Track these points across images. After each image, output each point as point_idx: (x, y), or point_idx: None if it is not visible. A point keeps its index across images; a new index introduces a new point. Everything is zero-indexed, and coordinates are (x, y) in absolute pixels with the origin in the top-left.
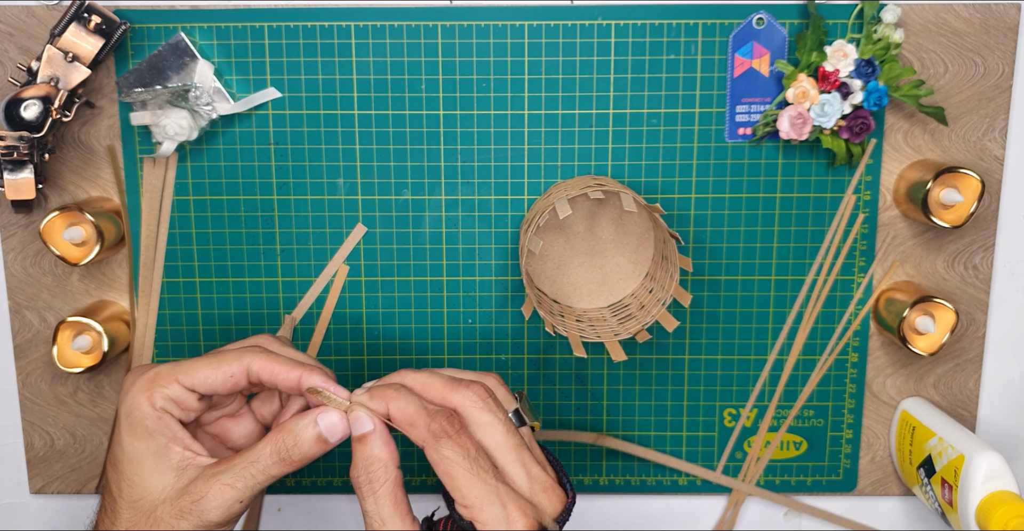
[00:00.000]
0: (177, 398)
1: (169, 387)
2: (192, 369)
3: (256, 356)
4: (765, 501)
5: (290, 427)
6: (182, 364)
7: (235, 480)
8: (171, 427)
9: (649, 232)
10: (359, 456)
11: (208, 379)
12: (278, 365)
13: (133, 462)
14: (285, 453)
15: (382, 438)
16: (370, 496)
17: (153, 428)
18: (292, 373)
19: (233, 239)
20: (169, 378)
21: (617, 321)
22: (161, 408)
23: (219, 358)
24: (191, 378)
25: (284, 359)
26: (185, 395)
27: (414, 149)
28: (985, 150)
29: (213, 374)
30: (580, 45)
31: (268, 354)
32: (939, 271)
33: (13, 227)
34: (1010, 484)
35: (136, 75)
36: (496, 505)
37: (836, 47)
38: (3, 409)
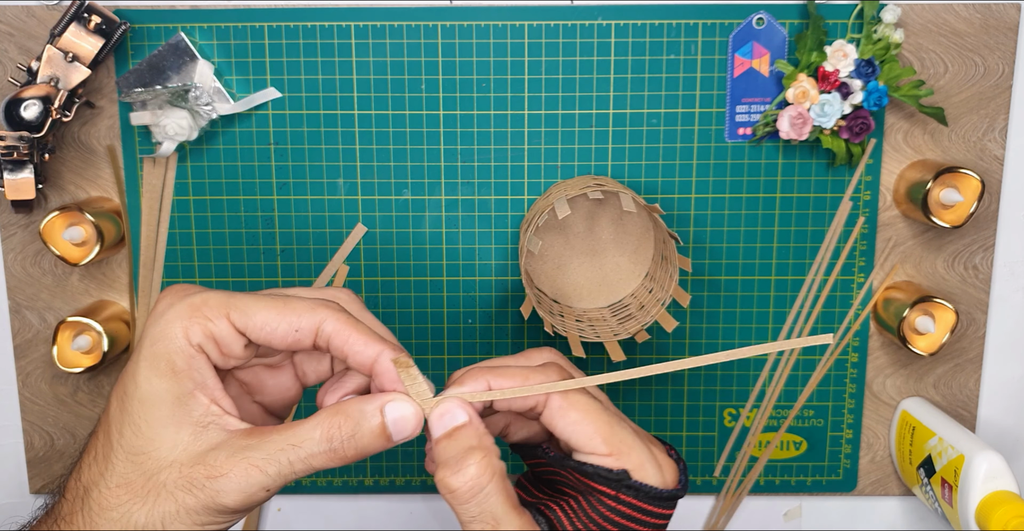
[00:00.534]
0: (221, 338)
1: (216, 322)
2: (250, 307)
3: (334, 314)
4: (765, 501)
5: (350, 410)
6: (238, 298)
7: (268, 464)
8: (203, 371)
9: (649, 232)
10: (453, 453)
11: (267, 325)
12: (357, 333)
13: (145, 403)
14: (339, 442)
15: (480, 428)
16: (477, 496)
17: (181, 367)
18: (371, 348)
19: (233, 239)
20: (219, 310)
21: (617, 321)
22: (198, 345)
23: (287, 304)
24: (247, 318)
25: (365, 328)
26: (232, 337)
27: (414, 149)
28: (985, 150)
29: (275, 321)
30: (580, 45)
31: (348, 317)
32: (939, 271)
33: (13, 227)
34: (1010, 484)
35: (136, 75)
36: (644, 447)
37: (836, 47)
38: (3, 409)
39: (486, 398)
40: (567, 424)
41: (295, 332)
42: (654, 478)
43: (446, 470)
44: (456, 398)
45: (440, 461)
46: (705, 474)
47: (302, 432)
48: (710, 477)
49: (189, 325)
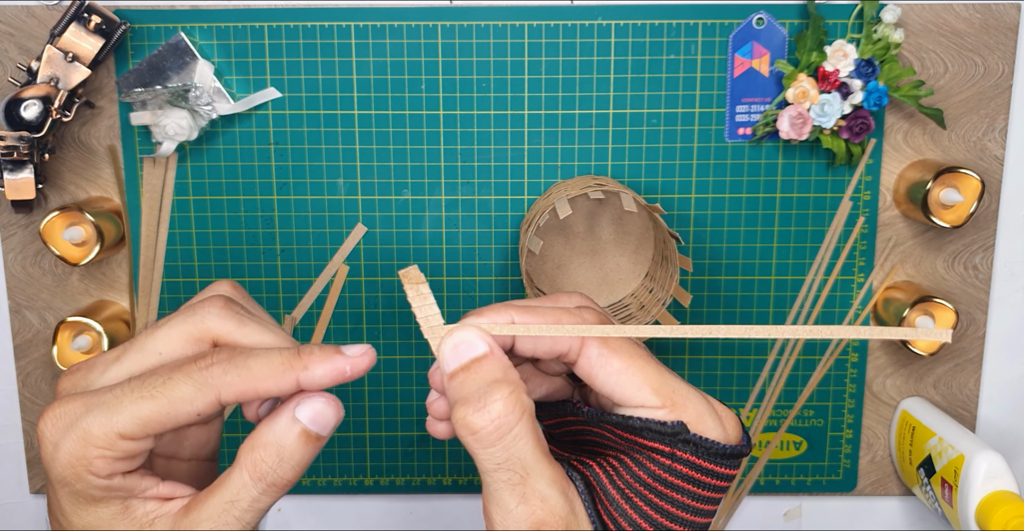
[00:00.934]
0: (126, 454)
1: (112, 448)
2: (137, 416)
3: (224, 381)
4: (765, 501)
5: (264, 440)
6: (119, 408)
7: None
8: (125, 486)
9: (649, 232)
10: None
11: (165, 423)
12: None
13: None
14: (272, 476)
15: (504, 360)
16: (504, 437)
17: (102, 496)
18: (283, 381)
19: (233, 239)
20: (108, 437)
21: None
22: (108, 475)
23: (170, 395)
24: (140, 427)
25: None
26: (137, 447)
27: (414, 149)
28: (985, 150)
29: (170, 417)
30: (580, 45)
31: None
32: (939, 271)
33: (13, 227)
34: (1010, 484)
35: (136, 75)
36: (701, 398)
37: (836, 47)
38: (3, 409)
39: (510, 332)
40: (610, 373)
41: (198, 416)
42: (715, 432)
43: (466, 407)
44: (474, 326)
45: (458, 398)
46: None
47: (232, 485)
48: None
49: (88, 464)
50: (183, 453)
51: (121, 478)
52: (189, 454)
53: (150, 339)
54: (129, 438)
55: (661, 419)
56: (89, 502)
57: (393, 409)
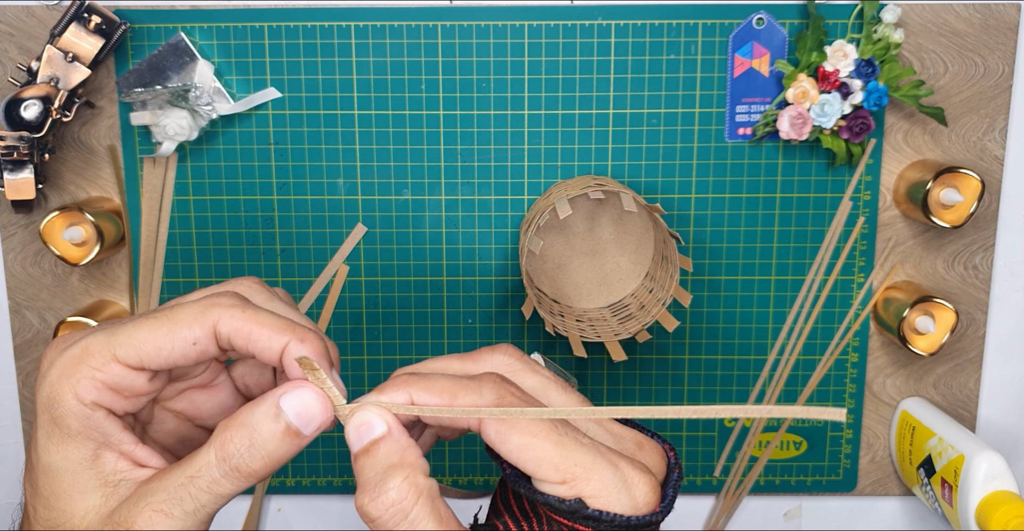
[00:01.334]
0: (117, 383)
1: (104, 369)
2: (135, 338)
3: (226, 312)
4: (765, 501)
5: (241, 418)
6: (119, 329)
7: (169, 505)
8: (104, 428)
9: (649, 232)
10: (371, 473)
11: (161, 350)
12: (257, 327)
13: (50, 476)
14: (238, 459)
15: (402, 440)
16: (401, 523)
17: (77, 430)
18: (275, 339)
19: (233, 239)
20: (102, 355)
21: (617, 321)
22: (91, 402)
23: (172, 318)
24: (135, 351)
25: (266, 317)
26: (128, 376)
27: (414, 149)
28: (985, 150)
29: (167, 342)
30: (580, 45)
31: (244, 309)
32: (939, 271)
33: (13, 227)
34: (1010, 484)
35: (136, 75)
36: (606, 467)
37: (836, 47)
38: (3, 409)
39: (404, 412)
40: (510, 450)
41: (194, 345)
42: (621, 504)
43: (364, 495)
44: (373, 405)
45: (359, 483)
46: (705, 474)
47: (197, 460)
48: (710, 477)
49: (76, 382)
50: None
51: (103, 416)
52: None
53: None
54: (123, 363)
55: (561, 495)
56: (64, 436)
57: None
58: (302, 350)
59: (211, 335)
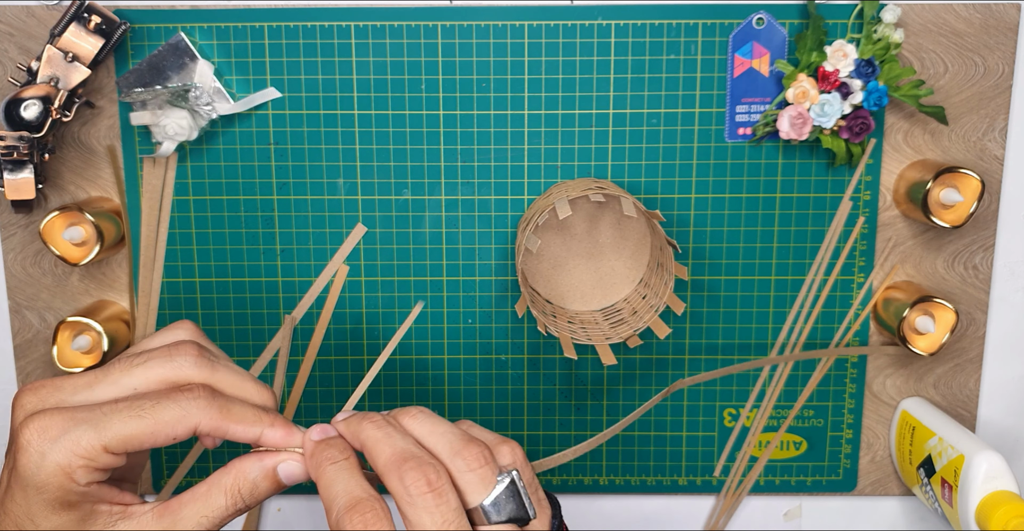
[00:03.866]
0: (106, 466)
1: (96, 459)
2: (122, 434)
3: (204, 414)
4: (765, 501)
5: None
6: (107, 425)
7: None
8: (96, 494)
9: (647, 238)
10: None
11: (144, 444)
12: (234, 424)
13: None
14: (241, 504)
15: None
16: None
17: (75, 502)
18: (251, 432)
19: (233, 239)
20: (94, 448)
21: (609, 325)
22: (87, 483)
23: (158, 419)
24: (122, 444)
25: (239, 413)
26: (115, 461)
27: (414, 149)
28: (985, 150)
29: (150, 438)
30: (580, 45)
31: (220, 410)
32: (939, 271)
33: (13, 227)
34: (1010, 484)
35: (136, 75)
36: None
37: (836, 47)
38: (3, 409)
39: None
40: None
41: (173, 440)
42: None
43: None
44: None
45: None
46: (705, 474)
47: (210, 502)
48: (710, 477)
49: (72, 472)
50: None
51: (95, 488)
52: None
53: (125, 375)
54: (111, 452)
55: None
56: (63, 508)
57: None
58: (275, 433)
59: (191, 433)
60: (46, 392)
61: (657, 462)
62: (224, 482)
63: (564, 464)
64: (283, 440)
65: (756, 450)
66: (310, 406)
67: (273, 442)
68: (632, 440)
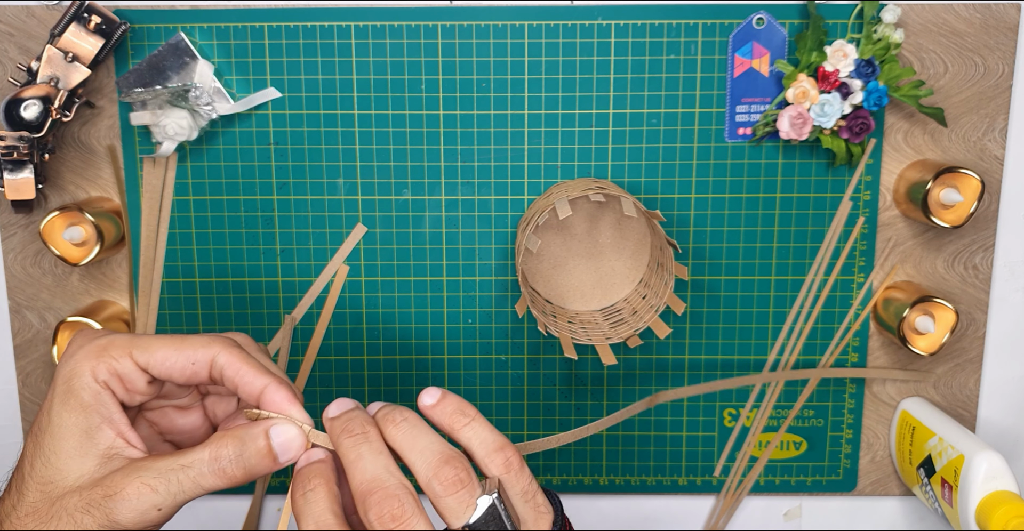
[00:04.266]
0: (125, 375)
1: (120, 361)
2: (150, 345)
3: (227, 349)
4: (765, 501)
5: (237, 434)
6: (140, 338)
7: (158, 482)
8: (109, 406)
9: (647, 238)
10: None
11: (166, 361)
12: (247, 366)
13: (56, 437)
14: (226, 462)
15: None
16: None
17: (89, 403)
18: (259, 379)
19: (233, 239)
20: (122, 350)
21: (609, 325)
22: (104, 382)
23: (184, 340)
24: (147, 355)
25: (255, 362)
26: (135, 373)
27: (414, 149)
28: (985, 150)
29: (173, 356)
30: (580, 45)
31: (239, 351)
32: (939, 271)
33: (13, 227)
34: (1010, 484)
35: (136, 75)
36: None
37: (836, 47)
38: (3, 409)
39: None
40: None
41: (192, 365)
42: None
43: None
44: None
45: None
46: (705, 474)
47: (192, 455)
48: (710, 477)
49: (96, 364)
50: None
51: (109, 396)
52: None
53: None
54: (135, 361)
55: None
56: (76, 405)
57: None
58: (279, 392)
59: (208, 362)
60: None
61: (657, 462)
62: (212, 440)
63: (564, 464)
64: (284, 403)
65: (756, 450)
66: (310, 406)
67: (274, 403)
68: (632, 440)
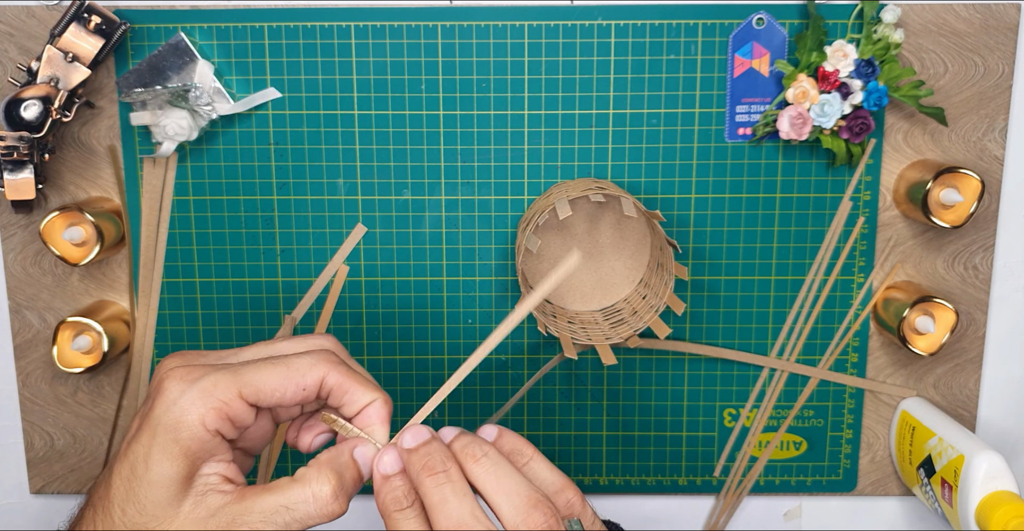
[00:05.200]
0: (236, 416)
1: (230, 404)
2: (256, 378)
3: (335, 368)
4: (765, 501)
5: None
6: (244, 371)
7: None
8: (217, 450)
9: (647, 238)
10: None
11: (276, 392)
12: (355, 383)
13: (154, 486)
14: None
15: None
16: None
17: (195, 451)
18: (366, 396)
19: (233, 239)
20: (230, 391)
21: (609, 325)
22: (215, 430)
23: (288, 365)
24: (257, 390)
25: (360, 377)
26: (247, 412)
27: (414, 149)
28: (985, 150)
29: (283, 385)
30: (580, 45)
31: (344, 367)
32: (939, 271)
33: (13, 227)
34: (1010, 484)
35: (136, 75)
36: None
37: (836, 47)
38: (3, 409)
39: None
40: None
41: (303, 390)
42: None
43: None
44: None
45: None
46: (705, 474)
47: (293, 494)
48: (710, 477)
49: (205, 413)
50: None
51: (219, 441)
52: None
53: (269, 346)
54: (245, 399)
55: None
56: (181, 455)
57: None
58: (382, 411)
59: (318, 385)
60: (191, 356)
61: (657, 462)
62: (308, 474)
63: (564, 464)
64: (378, 423)
65: (756, 450)
66: None
67: (369, 418)
68: (632, 440)
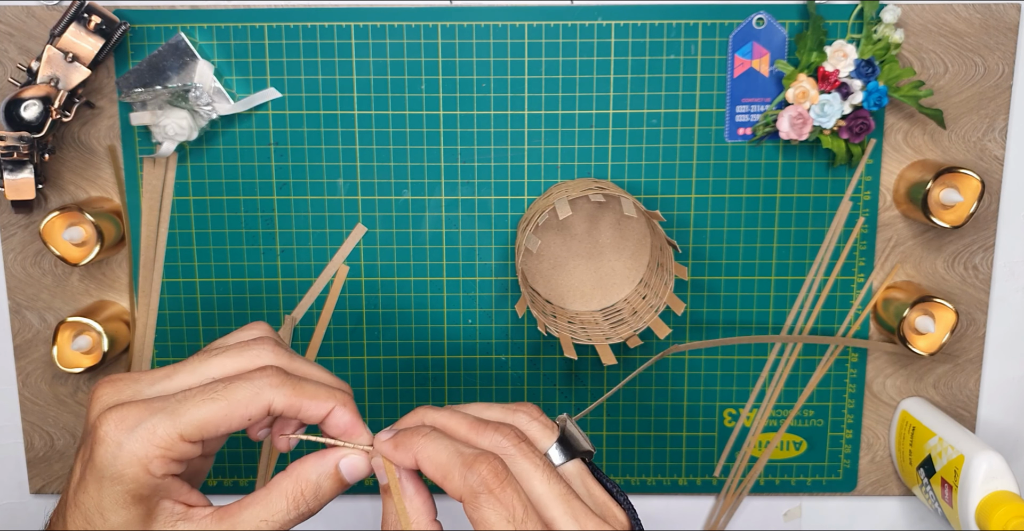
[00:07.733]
0: (182, 456)
1: (172, 448)
2: (198, 418)
3: (278, 392)
4: (765, 501)
5: (307, 477)
6: (181, 411)
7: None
8: (169, 488)
9: (647, 238)
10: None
11: (221, 427)
12: (307, 401)
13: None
14: (304, 508)
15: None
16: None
17: (148, 496)
18: (321, 408)
19: (233, 239)
20: (170, 436)
21: (609, 325)
22: (163, 475)
23: (231, 398)
24: (198, 430)
25: (310, 390)
26: (190, 450)
27: (414, 149)
28: (985, 150)
29: (227, 420)
30: (580, 45)
31: (292, 387)
32: (939, 271)
33: (13, 227)
34: (1010, 484)
35: (136, 75)
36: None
37: (836, 47)
38: (3, 409)
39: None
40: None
41: (249, 420)
42: None
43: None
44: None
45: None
46: (705, 474)
47: (271, 505)
48: (710, 477)
49: (148, 462)
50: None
51: (169, 481)
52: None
53: (202, 365)
54: (187, 440)
55: None
56: (134, 501)
57: (393, 409)
58: (345, 416)
59: (264, 413)
60: (123, 384)
61: (657, 462)
62: (284, 485)
63: None
64: (351, 425)
65: (756, 450)
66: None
67: (341, 426)
68: (632, 440)
